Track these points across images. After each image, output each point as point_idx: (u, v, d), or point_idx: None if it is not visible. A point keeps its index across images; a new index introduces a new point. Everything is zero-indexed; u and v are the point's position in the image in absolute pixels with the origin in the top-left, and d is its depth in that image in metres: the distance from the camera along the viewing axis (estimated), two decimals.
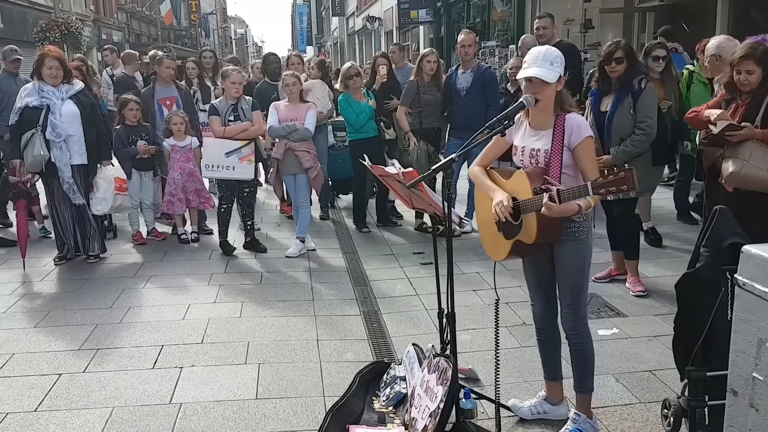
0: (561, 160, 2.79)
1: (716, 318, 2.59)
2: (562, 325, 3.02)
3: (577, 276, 2.92)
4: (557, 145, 2.80)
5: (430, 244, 3.24)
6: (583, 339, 2.99)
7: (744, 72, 3.78)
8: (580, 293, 2.95)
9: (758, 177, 3.74)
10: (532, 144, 2.90)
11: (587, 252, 2.93)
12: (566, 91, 2.92)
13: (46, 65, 5.51)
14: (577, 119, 2.84)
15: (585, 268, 2.94)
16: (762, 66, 3.76)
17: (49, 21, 24.09)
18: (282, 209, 7.79)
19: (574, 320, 2.96)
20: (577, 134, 2.79)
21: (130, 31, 41.31)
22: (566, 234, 2.87)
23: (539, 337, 3.20)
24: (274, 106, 6.08)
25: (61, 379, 3.72)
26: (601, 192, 2.50)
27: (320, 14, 56.45)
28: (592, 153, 2.85)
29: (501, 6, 16.77)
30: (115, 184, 5.90)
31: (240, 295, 5.07)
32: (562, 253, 2.92)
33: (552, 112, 2.86)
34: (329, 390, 3.53)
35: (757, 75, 3.78)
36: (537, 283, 3.12)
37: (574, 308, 2.95)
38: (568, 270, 2.92)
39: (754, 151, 3.79)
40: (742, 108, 3.93)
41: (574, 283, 2.93)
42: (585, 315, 3.01)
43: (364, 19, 33.12)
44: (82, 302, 4.94)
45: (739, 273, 2.10)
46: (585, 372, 3.03)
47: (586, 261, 2.94)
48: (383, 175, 3.42)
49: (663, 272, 5.20)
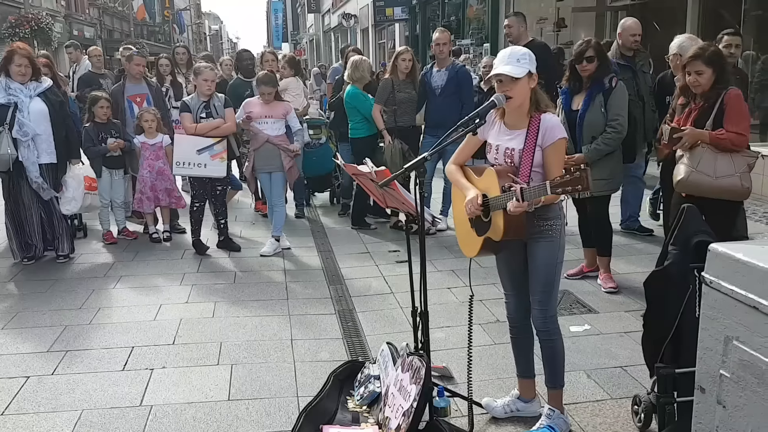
0: (532, 160, 2.81)
1: (684, 315, 2.62)
2: (533, 321, 3.05)
3: (549, 274, 2.95)
4: (530, 145, 2.82)
5: (406, 242, 3.23)
6: (553, 335, 3.01)
7: (694, 73, 3.75)
8: (551, 291, 2.97)
9: (705, 183, 3.74)
10: (507, 143, 2.91)
11: (559, 250, 2.95)
12: (542, 91, 2.93)
13: (15, 62, 5.39)
14: (552, 120, 2.85)
15: (557, 266, 2.96)
16: (712, 67, 3.71)
17: (18, 16, 23.63)
18: (257, 207, 7.73)
19: (544, 317, 2.99)
20: (551, 135, 2.81)
21: (102, 27, 40.66)
22: (539, 232, 2.89)
23: (512, 335, 3.22)
24: (246, 103, 6.02)
25: (29, 382, 3.64)
26: (558, 191, 2.52)
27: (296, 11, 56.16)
28: (560, 154, 2.86)
29: (476, 4, 16.84)
30: (84, 183, 5.79)
31: (213, 294, 5.01)
32: (535, 250, 2.94)
33: (527, 112, 2.87)
34: (303, 390, 3.51)
35: (708, 76, 3.74)
36: (510, 280, 3.14)
37: (545, 305, 2.98)
38: (540, 267, 2.95)
39: (702, 157, 3.79)
40: (695, 112, 3.91)
41: (545, 281, 2.95)
42: (555, 312, 3.04)
43: (339, 17, 33.01)
44: (51, 303, 4.85)
45: (707, 271, 2.12)
46: (556, 368, 3.06)
47: (558, 259, 2.96)
48: (356, 174, 3.40)
49: (634, 269, 5.26)
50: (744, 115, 3.88)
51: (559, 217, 2.94)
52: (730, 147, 3.81)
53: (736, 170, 3.78)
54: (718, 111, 3.82)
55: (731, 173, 3.78)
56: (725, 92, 3.81)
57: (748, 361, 1.97)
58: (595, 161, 4.55)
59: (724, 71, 3.82)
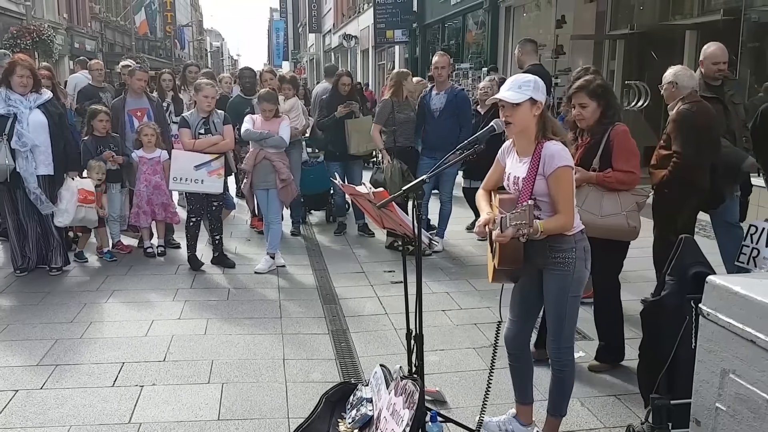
0: (532, 188, 2.81)
1: (680, 346, 2.61)
2: (547, 350, 3.05)
3: (559, 306, 2.93)
4: (531, 173, 2.82)
5: (401, 263, 3.22)
6: (565, 367, 3.01)
7: (578, 106, 3.56)
8: (562, 323, 2.95)
9: (590, 222, 3.51)
10: (515, 171, 2.93)
11: (572, 283, 2.89)
12: (552, 118, 2.91)
13: (17, 73, 5.40)
14: (552, 148, 2.80)
15: (568, 299, 2.92)
16: (596, 100, 3.52)
17: (20, 28, 23.70)
18: (252, 224, 7.71)
19: (557, 347, 2.99)
20: (550, 163, 2.78)
21: (103, 40, 40.85)
22: (552, 263, 2.88)
23: (510, 362, 3.18)
24: (250, 118, 6.06)
25: (17, 396, 3.60)
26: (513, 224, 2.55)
27: (297, 30, 56.62)
28: (563, 184, 2.79)
29: (475, 29, 17.02)
30: (79, 196, 5.73)
31: (206, 311, 4.98)
32: (547, 281, 2.94)
33: (533, 139, 2.85)
34: (294, 411, 3.47)
35: (592, 109, 3.55)
36: (519, 306, 3.10)
37: (557, 336, 2.98)
38: (550, 299, 2.94)
39: (588, 196, 3.67)
40: (581, 149, 3.76)
41: (556, 313, 2.95)
42: (570, 344, 3.01)
43: (340, 37, 33.30)
44: (42, 316, 4.81)
45: (704, 303, 2.12)
46: (562, 397, 3.05)
47: (571, 292, 2.91)
48: (354, 195, 3.40)
49: (630, 297, 5.23)
50: (632, 152, 3.71)
51: (574, 249, 2.87)
52: (618, 187, 3.69)
53: (622, 209, 3.66)
54: (605, 148, 3.67)
55: (617, 212, 3.65)
56: (611, 128, 3.66)
57: (745, 395, 1.96)
58: None
59: (610, 105, 3.64)
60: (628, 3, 11.97)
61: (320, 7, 42.79)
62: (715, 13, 9.28)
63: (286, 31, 61.54)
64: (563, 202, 2.79)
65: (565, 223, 2.81)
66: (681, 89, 4.62)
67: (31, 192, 5.47)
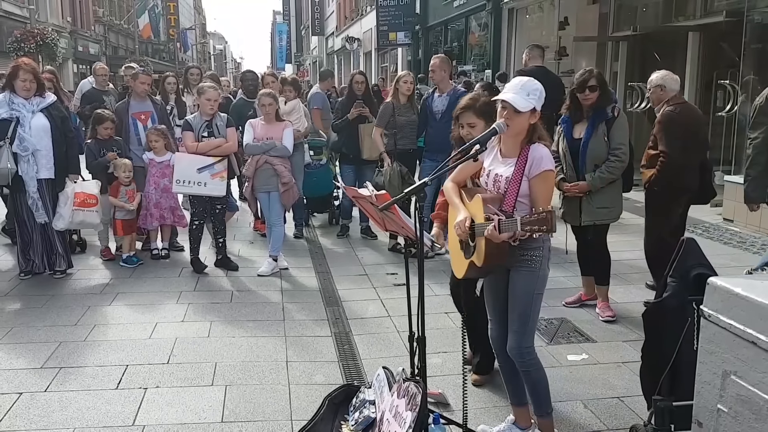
0: (518, 189, 2.85)
1: (682, 348, 2.61)
2: (509, 351, 3.04)
3: (525, 304, 2.96)
4: (517, 174, 2.86)
5: (404, 265, 3.23)
6: (530, 366, 3.01)
7: (466, 125, 3.38)
8: (527, 321, 2.98)
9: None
10: (497, 169, 2.97)
11: (539, 281, 2.96)
12: (542, 126, 2.95)
13: (20, 77, 5.42)
14: (541, 151, 2.87)
15: (534, 297, 2.97)
16: (484, 118, 3.34)
17: (24, 31, 23.81)
18: (255, 227, 7.73)
19: (518, 348, 2.99)
20: (537, 165, 2.84)
21: (107, 43, 40.99)
22: (520, 261, 2.92)
23: (499, 362, 3.22)
24: (250, 124, 6.07)
25: (21, 399, 3.61)
26: (527, 229, 2.55)
27: (300, 33, 56.74)
28: (546, 185, 2.89)
29: (478, 31, 17.04)
30: (75, 200, 5.70)
31: (209, 314, 4.99)
32: (515, 279, 2.97)
33: (521, 142, 2.91)
34: (297, 413, 3.48)
35: (480, 129, 3.33)
36: (494, 307, 3.15)
37: (520, 335, 2.98)
38: (517, 296, 2.97)
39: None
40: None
41: (521, 311, 2.97)
42: (531, 343, 3.03)
43: (343, 40, 33.36)
44: (46, 319, 4.83)
45: (705, 304, 2.12)
46: (539, 396, 3.06)
47: (536, 290, 2.97)
48: (356, 197, 3.41)
49: (632, 298, 5.25)
50: None
51: (541, 248, 2.94)
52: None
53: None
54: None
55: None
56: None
57: (746, 396, 1.96)
58: (599, 189, 4.59)
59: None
60: (630, 5, 11.98)
61: (323, 9, 42.89)
62: (718, 15, 9.28)
63: (289, 33, 61.68)
64: (543, 202, 2.83)
65: None
66: (668, 92, 4.88)
67: (29, 196, 5.50)
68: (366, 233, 7.38)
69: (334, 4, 38.23)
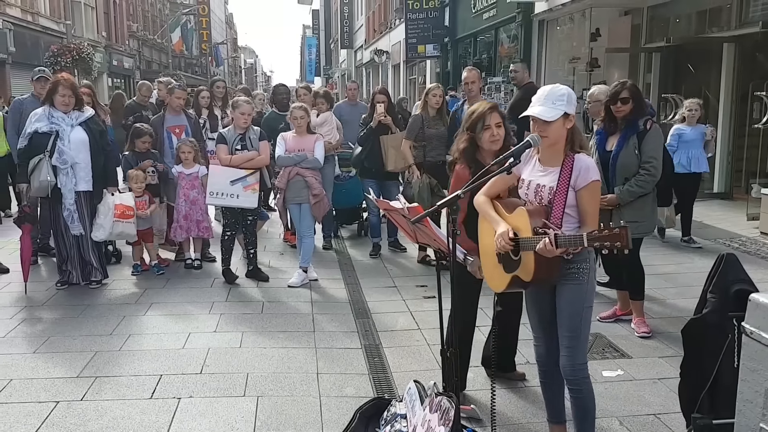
0: (565, 200, 2.79)
1: (723, 365, 2.55)
2: (561, 368, 2.95)
3: (575, 318, 2.88)
4: (563, 185, 2.80)
5: (434, 277, 3.21)
6: (582, 385, 2.90)
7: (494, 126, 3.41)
8: (578, 336, 2.89)
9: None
10: (539, 179, 2.90)
11: (587, 295, 2.89)
12: (579, 131, 2.92)
13: (59, 92, 5.56)
14: (586, 161, 2.83)
15: (584, 311, 2.89)
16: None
17: (61, 46, 24.40)
18: (285, 238, 7.78)
19: (572, 364, 2.90)
20: (584, 176, 2.79)
21: (141, 58, 41.87)
22: (566, 275, 2.85)
23: (542, 378, 3.15)
24: (281, 137, 6.13)
25: (58, 407, 3.67)
26: (596, 245, 2.52)
27: (329, 46, 57.22)
28: (595, 197, 2.85)
29: (508, 42, 16.99)
30: (116, 211, 5.85)
31: (241, 324, 5.03)
32: (562, 293, 2.90)
33: (562, 150, 2.86)
34: (328, 426, 3.48)
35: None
36: (539, 322, 3.08)
37: (572, 351, 2.89)
38: (565, 311, 2.89)
39: None
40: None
41: (571, 326, 2.89)
42: (584, 360, 2.94)
43: (372, 52, 33.56)
44: (83, 328, 4.91)
45: (747, 321, 2.07)
46: (585, 421, 2.93)
47: (585, 304, 2.90)
48: (388, 209, 3.42)
49: (669, 313, 5.15)
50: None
51: (588, 260, 2.88)
52: None
53: None
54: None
55: None
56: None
57: None
58: (629, 203, 4.51)
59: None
60: (663, 16, 11.84)
61: (352, 23, 43.21)
62: (754, 25, 9.13)
63: (318, 47, 62.24)
64: (592, 215, 2.80)
65: None
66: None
67: (65, 208, 5.62)
68: (395, 246, 7.37)
69: (363, 17, 38.52)
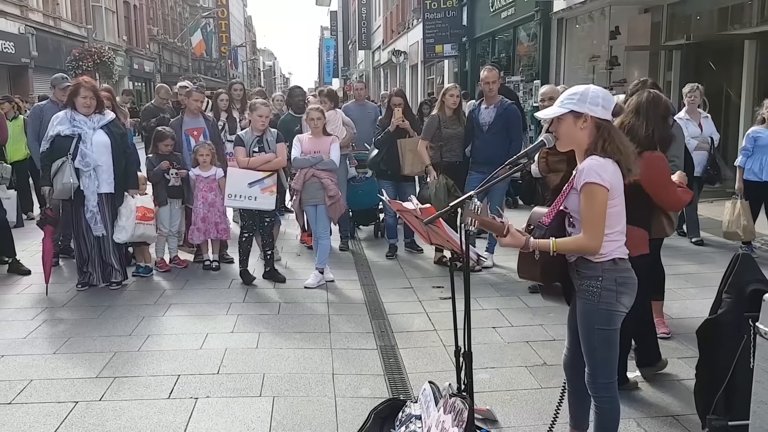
0: (563, 201, 2.73)
1: (738, 366, 2.52)
2: (585, 380, 2.87)
3: (588, 337, 2.76)
4: (567, 186, 2.77)
5: (450, 279, 3.20)
6: (603, 403, 2.81)
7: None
8: (593, 356, 2.76)
9: None
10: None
11: (597, 316, 2.70)
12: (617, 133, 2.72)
13: (81, 95, 5.64)
14: (587, 163, 2.64)
15: (595, 332, 2.72)
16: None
17: (82, 50, 24.76)
18: (302, 239, 7.81)
19: (592, 383, 2.81)
20: (578, 178, 2.64)
21: (161, 61, 42.31)
22: (579, 290, 2.77)
23: (568, 387, 3.08)
24: (297, 139, 6.16)
25: (77, 407, 3.73)
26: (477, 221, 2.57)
27: (347, 47, 57.35)
28: (586, 199, 2.60)
29: (527, 41, 16.89)
30: (137, 213, 5.95)
31: (257, 325, 5.07)
32: (577, 308, 2.81)
33: (583, 153, 2.70)
34: (343, 426, 3.49)
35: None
36: (571, 331, 2.97)
37: (591, 369, 2.80)
38: (580, 327, 2.80)
39: None
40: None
41: (586, 344, 2.78)
42: (607, 379, 2.79)
43: (389, 53, 33.58)
44: (102, 329, 4.98)
45: (761, 321, 2.04)
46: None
47: (596, 325, 2.71)
48: (401, 211, 3.42)
49: (689, 314, 5.09)
50: None
51: (600, 278, 2.66)
52: None
53: None
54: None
55: None
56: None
57: None
58: None
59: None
60: (684, 13, 11.71)
61: (369, 24, 43.31)
62: None
63: (336, 48, 62.44)
64: (585, 222, 2.60)
65: (585, 246, 2.62)
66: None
67: (88, 210, 5.70)
68: (411, 247, 7.37)
69: (380, 18, 38.55)
